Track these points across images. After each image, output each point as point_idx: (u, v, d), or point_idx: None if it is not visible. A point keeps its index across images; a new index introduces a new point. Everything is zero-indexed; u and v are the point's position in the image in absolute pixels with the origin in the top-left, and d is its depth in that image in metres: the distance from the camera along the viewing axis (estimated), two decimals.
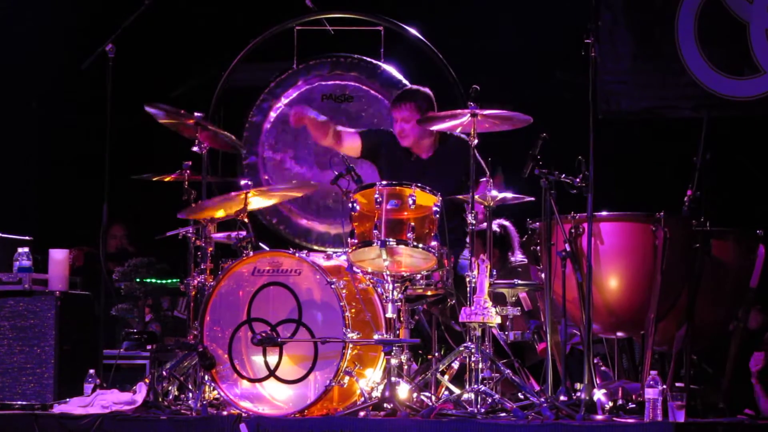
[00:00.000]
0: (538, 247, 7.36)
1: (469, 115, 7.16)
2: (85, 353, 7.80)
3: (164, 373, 7.38)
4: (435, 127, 7.59)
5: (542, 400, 6.82)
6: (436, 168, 7.83)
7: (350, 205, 7.19)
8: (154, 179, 8.04)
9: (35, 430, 6.97)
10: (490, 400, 6.84)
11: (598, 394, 6.82)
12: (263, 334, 7.05)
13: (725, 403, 7.23)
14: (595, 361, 7.41)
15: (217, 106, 9.25)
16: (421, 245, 7.04)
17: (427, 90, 7.97)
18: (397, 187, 7.13)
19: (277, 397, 7.11)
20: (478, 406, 6.81)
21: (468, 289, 7.06)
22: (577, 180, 7.04)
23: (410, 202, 7.07)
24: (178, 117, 7.76)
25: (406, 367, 7.17)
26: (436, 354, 7.57)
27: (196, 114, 7.79)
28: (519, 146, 7.41)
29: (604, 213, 7.17)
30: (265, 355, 7.13)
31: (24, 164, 10.44)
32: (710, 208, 7.28)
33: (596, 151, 6.99)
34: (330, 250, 7.89)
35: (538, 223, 7.33)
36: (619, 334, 7.41)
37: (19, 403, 7.59)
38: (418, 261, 7.13)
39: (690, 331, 7.12)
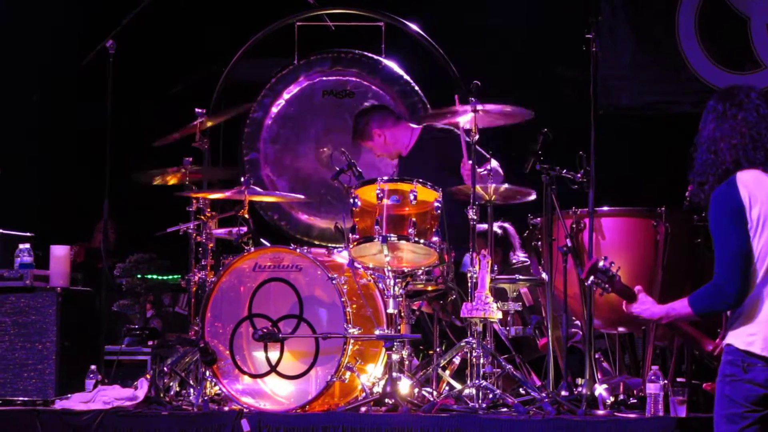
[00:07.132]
0: (539, 243, 7.36)
1: (470, 111, 7.16)
2: (87, 349, 7.80)
3: (165, 368, 7.38)
4: (439, 124, 7.71)
5: (543, 395, 6.82)
6: (412, 163, 7.98)
7: (351, 200, 7.18)
8: (155, 176, 8.03)
9: (37, 425, 6.98)
10: (491, 396, 6.84)
11: (600, 389, 6.82)
12: (264, 330, 7.04)
13: None
14: (597, 357, 7.40)
15: (218, 102, 9.25)
16: (422, 241, 7.03)
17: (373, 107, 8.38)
18: (399, 183, 7.12)
19: (279, 392, 7.11)
20: (480, 402, 6.81)
21: (469, 284, 7.06)
22: (579, 175, 7.03)
23: (411, 197, 7.06)
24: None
25: (407, 362, 7.16)
26: (438, 349, 7.56)
27: (197, 110, 7.82)
28: (519, 141, 7.40)
29: (605, 208, 7.16)
30: (266, 350, 7.12)
31: (24, 159, 10.42)
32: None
33: (597, 146, 6.98)
34: (331, 246, 7.89)
35: (539, 219, 7.32)
36: (621, 329, 7.41)
37: (21, 399, 7.57)
38: (420, 256, 7.12)
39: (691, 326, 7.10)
